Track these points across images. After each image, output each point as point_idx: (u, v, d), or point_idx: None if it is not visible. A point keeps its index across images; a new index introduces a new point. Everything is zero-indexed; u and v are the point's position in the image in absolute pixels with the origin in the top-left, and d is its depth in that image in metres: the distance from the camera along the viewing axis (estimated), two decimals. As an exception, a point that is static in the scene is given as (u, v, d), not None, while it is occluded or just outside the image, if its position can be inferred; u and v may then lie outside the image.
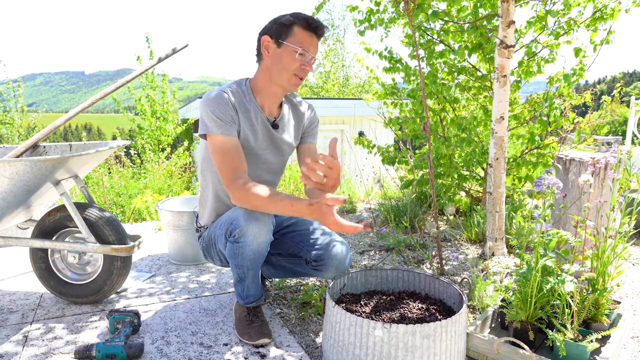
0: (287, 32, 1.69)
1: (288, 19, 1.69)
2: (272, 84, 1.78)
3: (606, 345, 1.63)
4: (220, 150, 1.67)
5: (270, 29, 1.71)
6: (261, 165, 1.88)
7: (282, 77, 1.73)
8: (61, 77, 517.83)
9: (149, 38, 9.26)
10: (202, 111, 1.71)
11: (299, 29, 1.69)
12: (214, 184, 1.88)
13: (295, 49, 1.68)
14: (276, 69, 1.73)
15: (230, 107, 1.71)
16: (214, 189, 1.88)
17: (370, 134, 9.82)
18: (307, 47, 1.71)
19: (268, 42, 1.72)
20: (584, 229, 1.67)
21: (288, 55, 1.70)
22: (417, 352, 1.38)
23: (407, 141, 3.82)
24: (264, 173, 1.90)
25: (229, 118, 1.69)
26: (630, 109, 6.64)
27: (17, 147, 2.18)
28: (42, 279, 2.14)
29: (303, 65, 1.72)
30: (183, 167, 7.67)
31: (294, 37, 1.69)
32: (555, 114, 3.27)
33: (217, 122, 1.67)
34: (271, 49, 1.72)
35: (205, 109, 1.69)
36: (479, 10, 3.15)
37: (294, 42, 1.69)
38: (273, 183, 1.98)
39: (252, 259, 1.71)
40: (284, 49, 1.70)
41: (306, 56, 1.72)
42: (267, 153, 1.87)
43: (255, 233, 1.64)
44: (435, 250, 2.86)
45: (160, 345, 1.76)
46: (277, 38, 1.70)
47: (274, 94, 1.81)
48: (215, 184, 1.87)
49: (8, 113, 9.08)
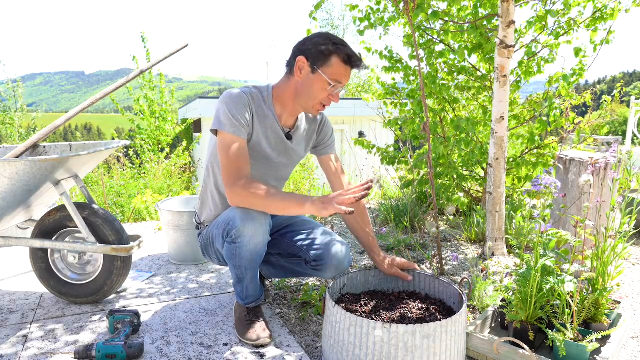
0: (324, 60, 1.65)
1: (328, 49, 1.64)
2: (295, 103, 1.77)
3: (606, 345, 1.63)
4: (228, 149, 1.66)
5: (309, 52, 1.67)
6: (270, 172, 1.90)
7: (307, 103, 1.73)
8: (61, 77, 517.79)
9: (145, 38, 9.25)
10: (219, 107, 1.70)
11: (337, 61, 1.65)
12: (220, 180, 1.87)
13: (329, 81, 1.66)
14: (305, 93, 1.71)
15: (247, 109, 1.70)
16: (219, 184, 1.88)
17: (370, 134, 9.82)
18: (341, 79, 1.68)
19: (303, 64, 1.68)
20: (584, 229, 1.67)
21: (320, 84, 1.67)
22: (417, 352, 1.38)
23: (407, 141, 3.82)
24: (271, 179, 1.92)
25: (243, 120, 1.69)
26: (630, 109, 6.65)
27: (17, 147, 2.18)
28: (42, 279, 2.14)
29: (331, 95, 1.71)
30: (183, 167, 7.66)
31: (330, 67, 1.65)
32: (555, 114, 3.27)
33: (232, 121, 1.67)
34: (305, 71, 1.69)
35: (223, 106, 1.68)
36: (479, 10, 3.15)
37: (329, 73, 1.66)
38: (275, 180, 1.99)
39: (250, 259, 1.71)
40: (318, 77, 1.67)
41: (336, 88, 1.70)
42: (278, 161, 1.89)
43: (252, 233, 1.64)
44: (435, 250, 2.86)
45: (160, 345, 1.76)
46: (313, 63, 1.66)
47: (294, 109, 1.81)
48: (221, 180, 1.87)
49: (7, 113, 9.08)
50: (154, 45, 9.52)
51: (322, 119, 1.99)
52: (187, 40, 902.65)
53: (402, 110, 3.74)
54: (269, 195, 1.59)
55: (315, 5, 3.20)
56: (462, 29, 3.10)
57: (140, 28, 45.70)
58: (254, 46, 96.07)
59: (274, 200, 1.60)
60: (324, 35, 1.68)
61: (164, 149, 9.13)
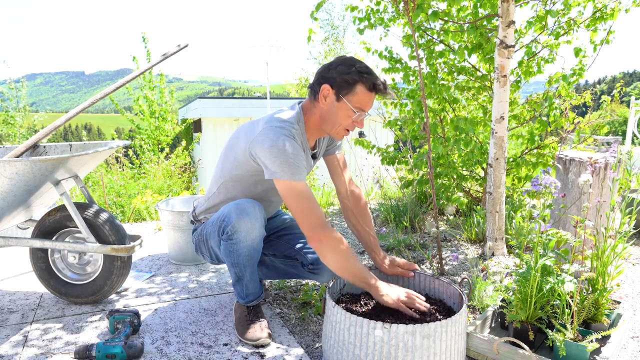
0: (349, 89, 1.64)
1: (353, 79, 1.63)
2: (320, 129, 1.77)
3: (606, 345, 1.63)
4: (301, 196, 1.62)
5: (333, 80, 1.66)
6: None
7: (332, 129, 1.73)
8: (61, 77, 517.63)
9: (146, 38, 9.26)
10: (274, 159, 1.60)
11: (362, 89, 1.65)
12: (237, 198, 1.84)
13: (353, 110, 1.66)
14: (329, 120, 1.71)
15: (303, 154, 1.66)
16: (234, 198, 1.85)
17: (370, 134, 9.81)
18: (365, 107, 1.68)
19: (328, 92, 1.67)
20: (584, 228, 1.67)
21: (344, 112, 1.67)
22: (417, 352, 1.38)
23: (407, 141, 3.82)
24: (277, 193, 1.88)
25: (301, 164, 1.64)
26: (630, 109, 6.65)
27: (17, 147, 2.18)
28: (42, 279, 2.14)
29: (355, 122, 1.70)
30: (182, 167, 7.67)
31: (355, 96, 1.65)
32: (555, 114, 3.27)
33: (297, 170, 1.61)
34: (329, 99, 1.68)
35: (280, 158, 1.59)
36: (479, 10, 3.15)
37: (354, 101, 1.65)
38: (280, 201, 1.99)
39: (248, 255, 1.71)
40: (342, 105, 1.66)
41: (361, 115, 1.69)
42: None
43: (247, 228, 1.65)
44: (435, 250, 2.86)
45: (160, 345, 1.76)
46: (338, 91, 1.65)
47: (319, 134, 1.82)
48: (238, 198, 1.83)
49: (9, 113, 9.08)
50: (154, 45, 9.54)
51: None
52: (187, 40, 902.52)
53: (402, 110, 3.74)
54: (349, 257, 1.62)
55: (316, 5, 3.20)
56: (462, 29, 3.10)
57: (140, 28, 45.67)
58: (254, 46, 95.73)
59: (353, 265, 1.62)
60: (349, 63, 1.66)
61: (164, 149, 9.13)
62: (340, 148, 2.03)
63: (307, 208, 1.62)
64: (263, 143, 1.62)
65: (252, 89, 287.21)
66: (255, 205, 1.68)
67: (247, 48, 19.24)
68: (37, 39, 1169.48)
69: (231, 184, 1.84)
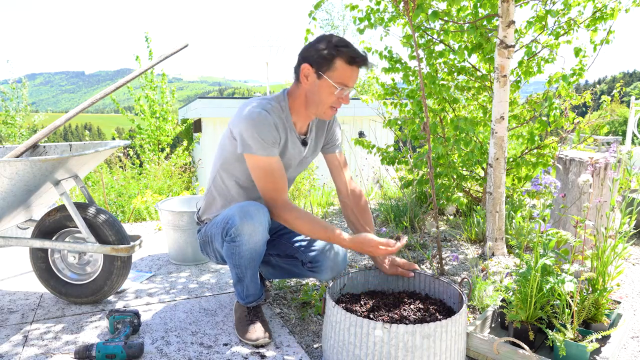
0: (328, 65, 1.63)
1: (331, 53, 1.62)
2: (307, 110, 1.76)
3: (606, 345, 1.63)
4: (264, 171, 1.69)
5: (312, 58, 1.65)
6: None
7: (318, 109, 1.72)
8: (61, 77, 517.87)
9: (149, 38, 9.27)
10: (242, 129, 1.67)
11: (341, 63, 1.63)
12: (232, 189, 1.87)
13: (335, 86, 1.65)
14: (313, 99, 1.70)
15: (274, 127, 1.69)
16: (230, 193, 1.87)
17: (370, 134, 9.82)
18: (348, 82, 1.66)
19: (308, 70, 1.66)
20: (584, 228, 1.67)
21: (327, 89, 1.66)
22: (417, 352, 1.38)
23: (407, 141, 3.82)
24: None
25: (273, 139, 1.68)
26: (630, 109, 6.65)
27: (17, 147, 2.18)
28: (42, 279, 2.14)
29: (340, 98, 1.70)
30: (183, 167, 7.67)
31: (335, 71, 1.64)
32: (555, 114, 3.27)
33: (262, 144, 1.66)
34: (311, 78, 1.67)
35: (249, 130, 1.65)
36: (478, 10, 3.15)
37: (334, 77, 1.64)
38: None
39: (250, 257, 1.71)
40: (324, 82, 1.65)
41: (344, 91, 1.68)
42: (292, 168, 1.90)
43: (250, 231, 1.65)
44: (435, 250, 2.86)
45: (160, 345, 1.76)
46: (317, 69, 1.65)
47: (307, 116, 1.81)
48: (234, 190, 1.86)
49: (9, 113, 9.08)
50: (154, 45, 9.53)
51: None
52: (187, 40, 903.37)
53: (402, 110, 3.74)
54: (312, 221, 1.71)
55: (315, 5, 3.19)
56: (462, 29, 3.10)
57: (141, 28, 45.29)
58: (254, 46, 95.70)
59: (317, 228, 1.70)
60: (326, 39, 1.66)
61: (164, 149, 9.13)
62: (340, 147, 2.03)
63: (269, 184, 1.70)
64: (238, 115, 1.71)
65: (252, 89, 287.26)
66: (260, 209, 1.67)
67: (247, 48, 19.22)
68: (37, 39, 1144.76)
69: (222, 174, 1.86)
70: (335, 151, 2.00)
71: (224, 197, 1.88)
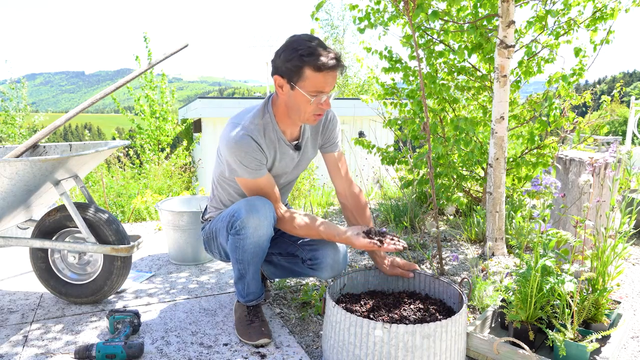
0: (298, 75, 1.57)
1: (296, 65, 1.55)
2: (291, 119, 1.74)
3: (606, 345, 1.63)
4: (253, 191, 1.73)
5: (280, 69, 1.60)
6: (284, 182, 1.95)
7: (300, 117, 1.68)
8: (61, 77, 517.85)
9: (147, 38, 9.28)
10: (228, 156, 1.69)
11: (310, 72, 1.55)
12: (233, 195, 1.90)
13: (308, 97, 1.59)
14: (293, 109, 1.67)
15: (258, 151, 1.68)
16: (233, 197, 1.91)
17: (370, 133, 9.82)
18: (322, 88, 1.59)
19: (281, 81, 1.62)
20: (584, 228, 1.67)
21: (302, 98, 1.60)
22: (417, 352, 1.38)
23: (407, 141, 3.82)
24: (284, 186, 1.98)
25: (257, 163, 1.69)
26: (630, 109, 6.65)
27: (17, 147, 2.18)
28: (42, 279, 2.14)
29: (319, 105, 1.64)
30: (183, 167, 7.67)
31: (306, 80, 1.57)
32: (555, 114, 3.27)
33: (246, 169, 1.68)
34: (285, 88, 1.63)
35: (232, 157, 1.67)
36: (478, 10, 3.15)
37: (307, 87, 1.58)
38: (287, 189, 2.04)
39: (253, 252, 1.72)
40: (297, 92, 1.60)
41: (321, 97, 1.62)
42: (288, 173, 1.91)
43: (256, 225, 1.66)
44: (435, 250, 2.86)
45: (160, 345, 1.76)
46: (288, 79, 1.60)
47: (294, 123, 1.79)
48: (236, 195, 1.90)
49: (9, 113, 9.08)
50: (154, 45, 9.54)
51: (327, 116, 1.93)
52: (187, 40, 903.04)
53: (401, 110, 3.74)
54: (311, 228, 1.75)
55: (316, 5, 3.19)
56: (462, 29, 3.10)
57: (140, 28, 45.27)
58: (254, 46, 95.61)
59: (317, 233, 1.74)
60: (291, 47, 1.57)
61: (164, 149, 9.14)
62: (338, 146, 2.01)
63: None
64: (222, 140, 1.72)
65: (252, 89, 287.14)
66: (266, 204, 1.68)
67: (247, 48, 19.19)
68: (37, 39, 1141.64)
69: (222, 183, 1.89)
70: (334, 151, 1.98)
71: (228, 201, 1.92)
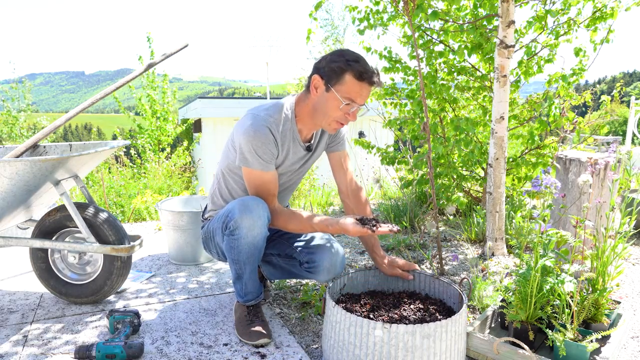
0: (337, 78, 1.63)
1: (340, 67, 1.61)
2: (313, 121, 1.77)
3: (606, 345, 1.63)
4: (256, 183, 1.74)
5: (323, 70, 1.65)
6: (289, 181, 1.95)
7: (323, 121, 1.72)
8: (61, 77, 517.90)
9: (150, 38, 9.29)
10: (242, 144, 1.70)
11: (350, 78, 1.61)
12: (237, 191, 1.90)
13: (341, 100, 1.63)
14: (320, 111, 1.70)
15: (273, 144, 1.71)
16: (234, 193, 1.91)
17: (370, 133, 9.82)
18: (355, 97, 1.64)
19: (318, 82, 1.67)
20: (584, 229, 1.67)
21: (333, 102, 1.65)
22: (417, 352, 1.38)
23: (407, 141, 3.82)
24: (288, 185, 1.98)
25: (270, 156, 1.71)
26: (630, 109, 6.65)
27: (17, 147, 2.18)
28: (42, 279, 2.14)
29: (347, 114, 1.68)
30: (183, 167, 7.67)
31: (343, 85, 1.62)
32: (555, 114, 3.26)
33: (259, 160, 1.70)
34: (320, 89, 1.67)
35: (248, 145, 1.68)
36: (478, 10, 3.15)
37: (342, 91, 1.63)
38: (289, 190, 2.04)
39: (248, 252, 1.72)
40: (331, 95, 1.64)
41: (352, 107, 1.66)
42: (295, 172, 1.92)
43: (249, 225, 1.66)
44: (435, 250, 2.86)
45: (160, 345, 1.76)
46: (327, 81, 1.64)
47: (313, 126, 1.82)
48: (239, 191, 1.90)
49: (11, 113, 9.08)
50: (155, 45, 9.55)
51: None
52: (187, 40, 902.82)
53: (401, 110, 3.74)
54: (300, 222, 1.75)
55: (315, 5, 3.20)
56: (462, 29, 3.10)
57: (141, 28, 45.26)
58: (254, 46, 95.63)
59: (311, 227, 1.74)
60: (339, 52, 1.67)
61: (165, 149, 9.13)
62: (344, 146, 2.03)
63: (262, 195, 1.76)
64: (239, 128, 1.73)
65: (252, 89, 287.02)
66: (260, 204, 1.69)
67: (247, 48, 19.20)
68: (37, 39, 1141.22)
69: (227, 177, 1.89)
70: (340, 149, 2.01)
71: (229, 196, 1.92)
